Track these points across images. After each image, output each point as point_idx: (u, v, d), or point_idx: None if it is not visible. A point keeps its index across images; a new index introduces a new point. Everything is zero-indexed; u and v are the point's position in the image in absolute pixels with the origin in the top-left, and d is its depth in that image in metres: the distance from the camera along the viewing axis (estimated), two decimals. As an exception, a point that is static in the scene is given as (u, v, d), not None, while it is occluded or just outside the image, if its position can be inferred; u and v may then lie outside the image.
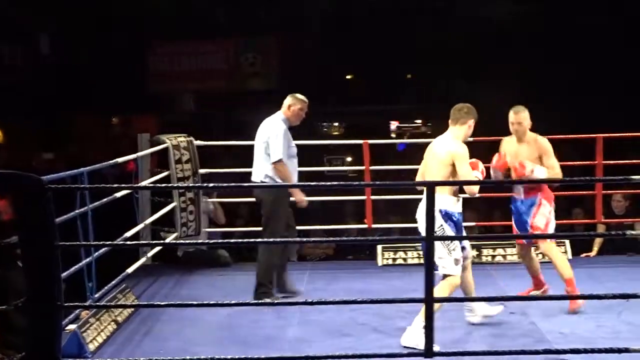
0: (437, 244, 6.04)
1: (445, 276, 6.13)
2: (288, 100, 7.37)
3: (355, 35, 19.66)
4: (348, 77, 22.24)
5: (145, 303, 7.31)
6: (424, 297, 4.56)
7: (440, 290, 6.03)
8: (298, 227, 9.61)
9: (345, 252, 10.66)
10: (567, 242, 8.75)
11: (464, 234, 6.56)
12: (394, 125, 23.30)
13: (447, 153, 6.17)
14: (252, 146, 7.44)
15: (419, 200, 6.12)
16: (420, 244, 7.68)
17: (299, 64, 19.50)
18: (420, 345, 5.66)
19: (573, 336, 6.12)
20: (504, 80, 17.70)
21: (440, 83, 20.52)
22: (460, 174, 6.11)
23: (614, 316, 6.55)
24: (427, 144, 6.46)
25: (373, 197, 9.02)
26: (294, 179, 7.30)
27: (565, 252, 8.64)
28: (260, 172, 7.30)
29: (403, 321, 6.46)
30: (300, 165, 7.48)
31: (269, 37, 20.25)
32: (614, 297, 5.75)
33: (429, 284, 4.53)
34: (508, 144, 6.98)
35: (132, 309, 6.84)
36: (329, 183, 4.80)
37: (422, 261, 7.64)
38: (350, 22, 19.88)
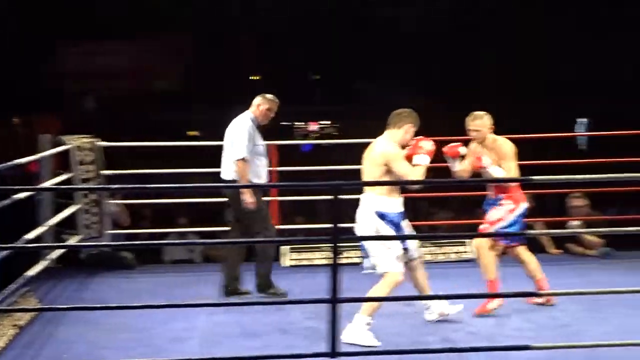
0: (374, 243, 6.16)
1: (384, 274, 6.19)
2: (257, 99, 7.52)
3: (261, 36, 19.67)
4: (254, 77, 22.21)
5: (48, 306, 7.19)
6: (329, 298, 4.58)
7: (379, 288, 6.14)
8: (201, 229, 9.59)
9: (251, 253, 10.62)
10: (471, 241, 8.87)
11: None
12: (314, 126, 23.43)
13: (379, 154, 6.24)
14: (157, 147, 7.42)
15: (325, 201, 6.15)
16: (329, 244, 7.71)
17: (204, 64, 19.43)
18: (361, 341, 5.85)
19: (477, 334, 6.21)
20: (409, 79, 17.91)
21: (347, 84, 20.66)
22: (399, 174, 6.16)
23: (517, 314, 6.67)
24: (335, 145, 6.51)
25: (279, 198, 9.03)
26: (258, 178, 7.35)
27: (469, 252, 8.77)
28: (228, 170, 7.38)
29: (309, 321, 6.50)
30: (206, 166, 7.46)
31: (175, 37, 20.11)
32: (516, 295, 5.88)
33: (334, 284, 4.56)
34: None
35: (35, 313, 6.72)
36: (240, 185, 4.79)
37: (327, 262, 7.69)
38: (256, 23, 19.88)
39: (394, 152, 6.23)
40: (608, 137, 9.82)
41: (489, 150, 6.79)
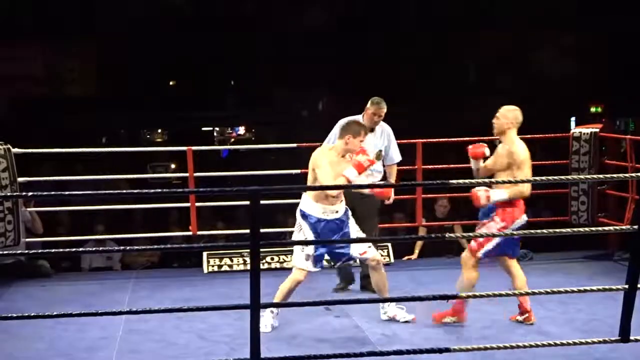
0: (295, 239, 6.54)
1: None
2: (368, 104, 7.54)
3: (178, 40, 19.53)
4: (171, 82, 22.07)
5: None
6: (249, 304, 4.54)
7: (285, 283, 6.42)
8: (120, 236, 9.47)
9: (171, 259, 10.55)
10: (389, 245, 8.92)
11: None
12: (240, 130, 23.45)
13: (312, 159, 6.44)
14: (70, 153, 7.25)
15: (244, 206, 6.13)
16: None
17: (119, 69, 19.24)
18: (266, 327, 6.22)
19: (396, 338, 6.24)
20: (326, 85, 17.97)
21: (263, 89, 20.64)
22: (318, 179, 6.29)
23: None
24: (251, 150, 6.51)
25: (198, 204, 8.96)
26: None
27: (388, 255, 8.82)
28: None
29: (229, 328, 6.45)
30: (122, 172, 7.35)
31: (87, 42, 19.84)
32: (435, 298, 5.91)
33: (255, 290, 4.52)
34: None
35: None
36: (153, 190, 4.73)
37: (247, 267, 7.65)
38: (173, 28, 19.74)
39: (320, 158, 6.38)
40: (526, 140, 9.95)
41: (502, 153, 6.47)
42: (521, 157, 6.32)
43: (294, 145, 9.11)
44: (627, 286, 4.77)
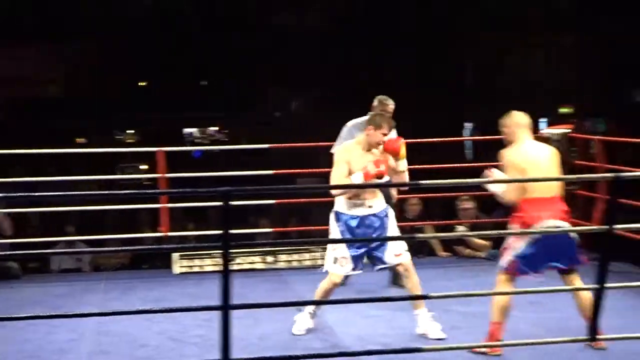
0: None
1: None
2: (374, 102, 7.43)
3: (149, 42, 19.48)
4: (142, 83, 21.99)
5: None
6: (219, 305, 4.53)
7: (323, 282, 6.26)
8: (90, 237, 9.42)
9: (142, 261, 10.52)
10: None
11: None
12: (211, 130, 23.42)
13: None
14: (42, 155, 7.21)
15: (216, 207, 6.09)
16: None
17: (91, 71, 19.17)
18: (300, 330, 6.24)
19: (368, 338, 6.23)
20: (299, 86, 17.97)
21: (235, 90, 20.62)
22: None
23: (407, 318, 6.73)
24: (223, 151, 6.48)
25: (169, 205, 8.93)
26: None
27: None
28: None
29: (199, 329, 6.44)
30: (94, 173, 7.31)
31: (60, 43, 19.76)
32: (408, 298, 5.93)
33: (225, 291, 4.51)
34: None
35: None
36: (127, 191, 4.71)
37: (218, 268, 7.63)
38: (145, 29, 19.68)
39: (338, 154, 6.30)
40: (492, 141, 9.99)
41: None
42: (504, 160, 5.91)
43: (266, 146, 9.10)
44: (596, 286, 4.80)
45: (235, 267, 8.44)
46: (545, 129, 9.52)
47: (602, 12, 18.61)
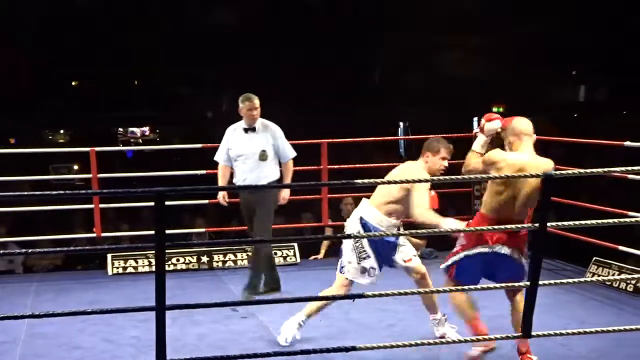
0: (348, 249, 6.11)
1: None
2: (239, 103, 7.42)
3: (79, 40, 19.29)
4: (73, 83, 21.75)
5: None
6: (154, 306, 4.50)
7: (331, 289, 6.12)
8: (22, 238, 9.30)
9: (75, 262, 10.42)
10: (295, 245, 8.95)
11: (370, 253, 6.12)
12: (141, 130, 23.27)
13: (403, 174, 6.06)
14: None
15: (149, 207, 6.04)
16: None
17: (18, 69, 18.92)
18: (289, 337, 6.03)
19: (303, 337, 6.23)
20: (231, 86, 17.92)
21: (168, 89, 20.53)
22: (414, 201, 5.89)
23: (342, 316, 6.76)
24: (156, 151, 6.43)
25: (102, 206, 8.85)
26: (236, 180, 7.42)
27: (294, 255, 8.86)
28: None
29: (134, 330, 6.39)
30: (24, 174, 7.21)
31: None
32: (342, 298, 5.95)
33: (160, 291, 4.48)
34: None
35: None
36: (59, 192, 4.65)
37: (153, 269, 7.58)
38: (77, 27, 19.47)
39: (420, 181, 5.87)
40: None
41: None
42: (484, 157, 5.59)
43: (199, 145, 9.08)
44: (528, 283, 4.87)
45: (170, 268, 8.40)
46: (476, 128, 9.61)
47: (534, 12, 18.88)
